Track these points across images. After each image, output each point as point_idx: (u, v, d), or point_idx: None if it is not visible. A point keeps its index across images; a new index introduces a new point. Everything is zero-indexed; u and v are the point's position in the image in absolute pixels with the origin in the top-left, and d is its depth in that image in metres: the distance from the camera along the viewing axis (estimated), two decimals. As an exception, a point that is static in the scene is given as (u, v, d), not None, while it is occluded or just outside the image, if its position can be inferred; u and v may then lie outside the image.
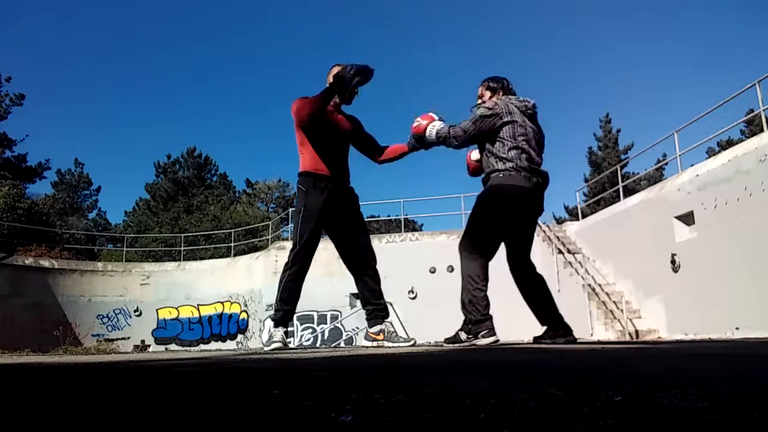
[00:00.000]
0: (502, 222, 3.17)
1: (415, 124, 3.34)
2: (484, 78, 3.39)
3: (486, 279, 3.12)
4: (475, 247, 3.16)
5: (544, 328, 3.29)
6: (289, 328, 3.46)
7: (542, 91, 50.19)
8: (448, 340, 3.26)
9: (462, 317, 3.19)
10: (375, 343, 3.35)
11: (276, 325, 3.37)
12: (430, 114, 3.35)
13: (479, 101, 3.34)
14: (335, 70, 3.34)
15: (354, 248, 3.43)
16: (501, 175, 3.09)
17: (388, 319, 3.45)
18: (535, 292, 3.29)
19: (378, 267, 3.47)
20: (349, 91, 3.23)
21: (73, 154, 61.47)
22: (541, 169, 3.18)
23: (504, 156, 3.10)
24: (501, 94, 3.27)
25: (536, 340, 3.33)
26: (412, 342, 3.34)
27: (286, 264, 3.38)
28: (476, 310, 3.04)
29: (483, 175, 3.28)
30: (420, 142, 3.37)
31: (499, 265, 3.31)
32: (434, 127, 3.27)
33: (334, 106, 3.41)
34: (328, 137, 3.36)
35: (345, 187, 3.45)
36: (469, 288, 3.09)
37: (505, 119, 3.11)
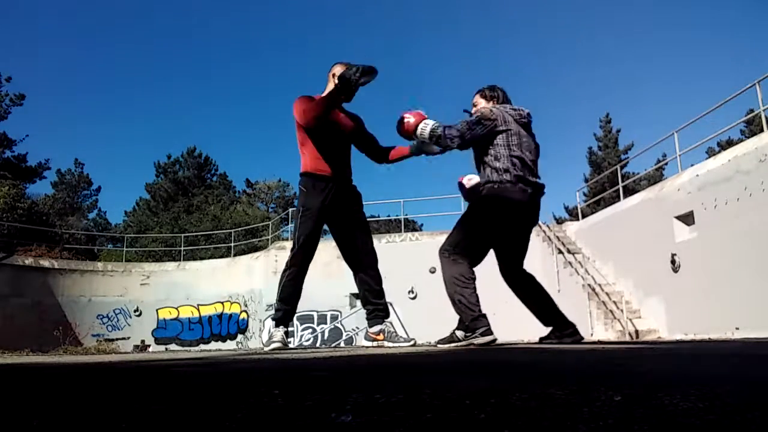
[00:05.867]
0: (493, 233, 3.12)
1: (405, 121, 3.16)
2: (480, 87, 3.30)
3: (473, 277, 3.06)
4: (462, 254, 3.09)
5: (549, 328, 3.26)
6: (289, 328, 3.46)
7: (543, 91, 50.22)
8: (442, 341, 3.23)
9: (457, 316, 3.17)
10: (375, 343, 3.35)
11: (276, 325, 3.37)
12: (420, 111, 3.19)
13: (474, 110, 3.27)
14: (337, 69, 3.30)
15: (355, 247, 3.43)
16: (496, 186, 3.02)
17: (388, 319, 3.44)
18: (534, 295, 3.24)
19: (378, 267, 3.47)
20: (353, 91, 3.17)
21: (73, 154, 61.64)
22: (537, 179, 3.10)
23: (499, 166, 3.02)
24: (496, 103, 3.20)
25: (542, 340, 3.31)
26: (412, 342, 3.33)
27: (286, 264, 3.38)
28: (469, 309, 2.99)
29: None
30: (426, 147, 3.28)
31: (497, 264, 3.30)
32: (427, 125, 3.12)
33: None
34: (329, 136, 3.33)
35: (347, 187, 3.43)
36: (456, 289, 3.03)
37: (501, 127, 3.03)
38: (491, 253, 3.28)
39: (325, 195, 3.29)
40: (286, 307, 3.37)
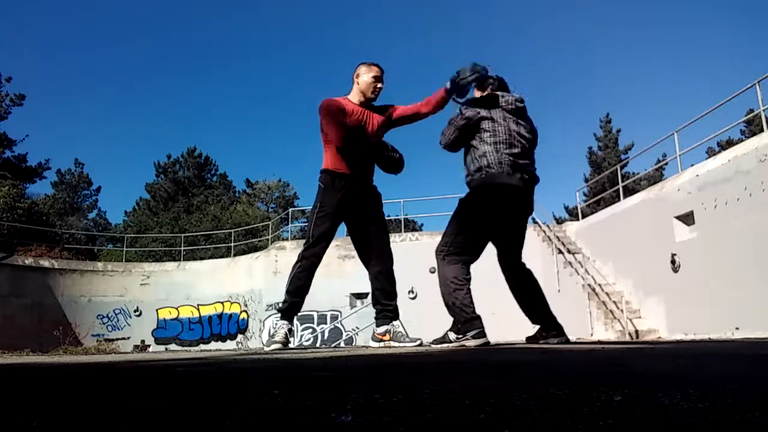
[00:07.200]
0: (486, 224, 3.11)
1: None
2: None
3: (467, 279, 3.05)
4: (456, 253, 3.08)
5: (537, 327, 3.26)
6: (292, 327, 3.47)
7: (543, 91, 50.23)
8: (436, 341, 3.23)
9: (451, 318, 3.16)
10: (381, 344, 3.34)
11: (282, 317, 3.38)
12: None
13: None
14: (362, 69, 3.34)
15: (370, 247, 3.42)
16: (483, 174, 3.03)
17: (396, 321, 3.42)
18: (528, 292, 3.23)
19: (393, 268, 3.44)
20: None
21: (73, 154, 61.65)
22: (527, 166, 3.10)
23: (483, 154, 3.03)
24: (491, 91, 3.18)
25: (529, 340, 3.31)
26: (418, 342, 3.32)
27: (298, 257, 3.41)
28: (462, 311, 2.99)
29: (467, 178, 3.19)
30: (454, 87, 3.20)
31: (497, 265, 3.30)
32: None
33: (360, 103, 3.37)
34: (354, 137, 3.33)
35: (367, 186, 3.43)
36: (450, 290, 3.02)
37: (483, 114, 3.05)
38: (491, 249, 3.27)
39: (343, 193, 3.30)
40: (293, 299, 3.37)
